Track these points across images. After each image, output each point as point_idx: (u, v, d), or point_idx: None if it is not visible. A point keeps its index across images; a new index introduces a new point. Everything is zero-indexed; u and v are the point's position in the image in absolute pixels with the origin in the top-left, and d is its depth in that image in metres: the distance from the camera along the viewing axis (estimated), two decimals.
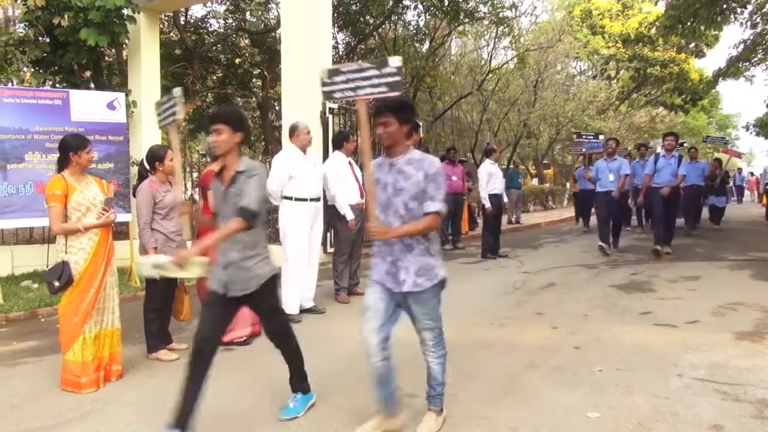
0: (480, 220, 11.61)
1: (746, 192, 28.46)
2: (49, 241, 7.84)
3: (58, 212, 3.84)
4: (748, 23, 14.44)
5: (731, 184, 24.49)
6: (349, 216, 6.06)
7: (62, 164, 3.95)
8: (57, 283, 3.78)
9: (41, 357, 4.67)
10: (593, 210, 13.05)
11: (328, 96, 3.10)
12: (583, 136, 13.49)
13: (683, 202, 10.82)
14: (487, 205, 9.15)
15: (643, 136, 25.96)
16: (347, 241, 6.28)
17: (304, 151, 5.67)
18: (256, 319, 4.89)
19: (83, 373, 3.85)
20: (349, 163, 6.33)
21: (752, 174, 31.99)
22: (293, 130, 5.73)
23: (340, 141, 6.40)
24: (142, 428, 3.27)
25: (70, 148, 3.91)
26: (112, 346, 4.05)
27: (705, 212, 13.69)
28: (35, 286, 7.14)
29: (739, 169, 30.00)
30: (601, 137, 14.01)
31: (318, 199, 5.75)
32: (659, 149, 10.86)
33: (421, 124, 8.73)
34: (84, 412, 3.51)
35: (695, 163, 12.07)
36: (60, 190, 3.84)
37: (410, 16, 17.84)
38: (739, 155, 15.31)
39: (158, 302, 4.51)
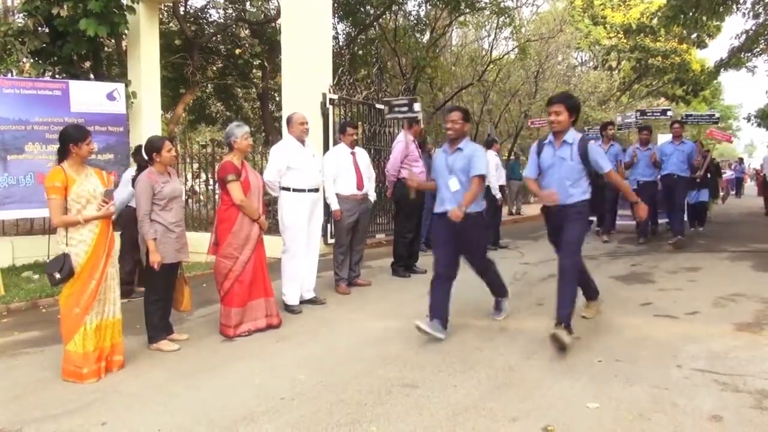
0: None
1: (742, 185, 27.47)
2: (49, 232, 7.84)
3: (58, 204, 3.83)
4: (751, 13, 14.36)
5: (731, 175, 24.31)
6: (334, 206, 6.14)
7: (62, 155, 3.95)
8: (58, 275, 3.79)
9: (42, 348, 4.68)
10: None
11: None
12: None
13: (664, 199, 9.00)
14: (498, 195, 9.18)
15: None
16: (345, 232, 6.29)
17: (302, 141, 5.66)
18: (270, 311, 4.93)
19: (84, 364, 3.86)
20: (352, 153, 6.34)
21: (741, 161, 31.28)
22: (288, 121, 5.74)
23: (340, 132, 6.57)
24: (143, 418, 3.29)
25: (70, 140, 3.90)
26: (113, 337, 4.06)
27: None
28: (36, 276, 7.15)
29: (740, 159, 29.77)
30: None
31: (317, 190, 5.75)
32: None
33: (421, 115, 8.69)
34: (85, 403, 3.52)
35: (678, 144, 8.96)
36: (60, 182, 3.83)
37: (411, 6, 17.77)
38: (728, 138, 11.80)
39: (159, 293, 4.52)
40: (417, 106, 7.57)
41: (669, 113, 10.64)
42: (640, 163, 9.19)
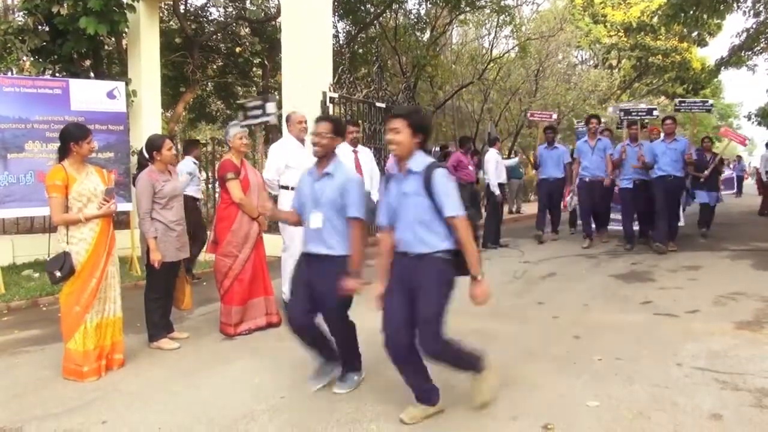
0: (484, 210, 11.54)
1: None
2: (50, 230, 7.85)
3: (59, 203, 3.83)
4: (751, 12, 14.35)
5: (732, 174, 24.21)
6: None
7: (63, 154, 3.95)
8: (58, 274, 3.79)
9: (43, 346, 4.68)
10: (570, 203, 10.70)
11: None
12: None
13: (661, 201, 8.15)
14: (497, 192, 9.20)
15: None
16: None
17: (301, 140, 5.66)
18: (270, 309, 4.93)
19: (85, 362, 3.87)
20: (354, 152, 6.34)
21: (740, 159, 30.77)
22: (288, 120, 5.74)
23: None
24: (143, 416, 3.29)
25: (71, 138, 3.90)
26: (113, 335, 4.06)
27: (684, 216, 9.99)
28: (36, 275, 7.15)
29: (739, 157, 29.67)
30: None
31: None
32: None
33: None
34: (86, 401, 3.52)
35: (671, 143, 8.23)
36: (60, 180, 3.83)
37: (411, 4, 17.79)
38: (743, 140, 10.65)
39: (159, 291, 4.53)
40: (271, 107, 6.45)
41: (655, 113, 9.73)
42: (629, 162, 8.54)
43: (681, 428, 2.93)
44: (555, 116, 10.47)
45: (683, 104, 10.40)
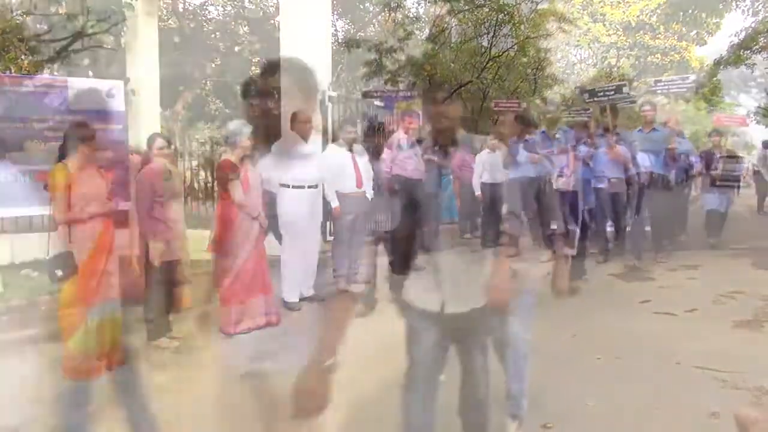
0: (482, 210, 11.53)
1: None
2: (49, 229, 7.83)
3: (61, 201, 3.83)
4: (750, 10, 14.38)
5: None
6: (334, 203, 6.11)
7: (66, 152, 3.94)
8: (59, 273, 3.78)
9: (42, 345, 4.67)
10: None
11: None
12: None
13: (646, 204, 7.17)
14: (477, 192, 9.19)
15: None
16: (344, 229, 6.29)
17: (304, 139, 5.66)
18: (269, 308, 4.92)
19: (85, 362, 3.85)
20: (351, 151, 6.33)
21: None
22: (293, 119, 5.72)
23: (339, 130, 6.54)
24: None
25: (81, 137, 3.89)
26: (113, 335, 4.05)
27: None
28: (35, 274, 7.13)
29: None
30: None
31: (316, 187, 5.75)
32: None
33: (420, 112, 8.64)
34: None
35: (648, 132, 7.12)
36: (63, 179, 3.83)
37: (410, 2, 17.77)
38: (742, 121, 9.40)
39: (158, 290, 4.52)
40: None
41: (624, 90, 7.77)
42: (600, 157, 7.14)
43: (680, 427, 2.93)
44: (524, 105, 9.23)
45: (659, 83, 9.15)
